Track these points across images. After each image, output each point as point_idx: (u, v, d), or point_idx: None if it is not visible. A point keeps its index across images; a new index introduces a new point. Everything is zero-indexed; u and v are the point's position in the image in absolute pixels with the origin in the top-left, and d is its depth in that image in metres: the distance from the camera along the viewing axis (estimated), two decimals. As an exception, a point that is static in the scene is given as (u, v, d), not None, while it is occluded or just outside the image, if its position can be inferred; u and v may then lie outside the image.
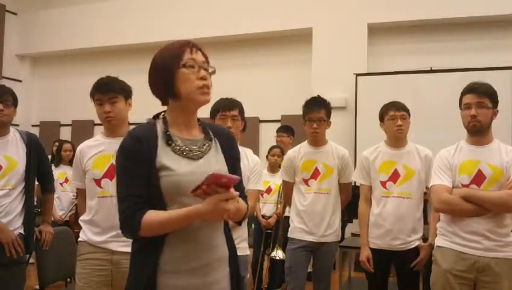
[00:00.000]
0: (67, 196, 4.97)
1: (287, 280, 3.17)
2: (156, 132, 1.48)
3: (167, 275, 1.40)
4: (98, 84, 2.37)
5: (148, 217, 1.36)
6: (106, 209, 2.30)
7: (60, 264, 3.07)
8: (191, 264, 1.42)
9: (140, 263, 1.43)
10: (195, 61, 1.46)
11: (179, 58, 1.45)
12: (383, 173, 2.91)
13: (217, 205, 1.30)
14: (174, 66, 1.45)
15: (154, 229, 1.37)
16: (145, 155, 1.41)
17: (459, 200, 2.28)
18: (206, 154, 1.50)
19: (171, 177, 1.40)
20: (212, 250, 1.46)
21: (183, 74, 1.45)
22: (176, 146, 1.46)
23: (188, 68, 1.45)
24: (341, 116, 6.04)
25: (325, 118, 3.09)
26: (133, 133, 1.47)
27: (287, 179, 3.26)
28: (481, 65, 5.54)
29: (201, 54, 1.50)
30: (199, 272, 1.43)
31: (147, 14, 7.58)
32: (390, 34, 6.45)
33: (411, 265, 2.82)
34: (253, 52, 7.09)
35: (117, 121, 2.36)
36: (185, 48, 1.47)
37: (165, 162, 1.41)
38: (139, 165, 1.40)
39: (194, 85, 1.45)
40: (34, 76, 8.91)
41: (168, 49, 1.50)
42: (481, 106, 2.32)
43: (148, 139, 1.44)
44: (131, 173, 1.41)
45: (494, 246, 2.25)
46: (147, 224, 1.36)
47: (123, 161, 1.43)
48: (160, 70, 1.48)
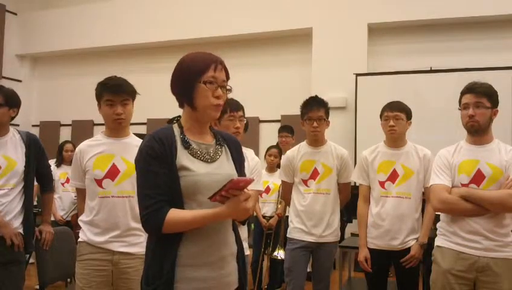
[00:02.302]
0: (68, 196, 4.96)
1: (287, 280, 3.17)
2: (175, 136, 1.57)
3: (186, 268, 1.49)
4: (110, 85, 2.35)
5: (172, 215, 1.46)
6: (107, 209, 2.31)
7: (60, 264, 3.07)
8: (209, 258, 1.53)
9: (159, 256, 1.50)
10: (216, 80, 1.55)
11: (201, 73, 1.54)
12: (382, 173, 2.91)
13: (239, 206, 1.46)
14: (196, 80, 1.54)
15: (178, 226, 1.48)
16: (167, 156, 1.51)
17: (459, 199, 2.28)
18: (219, 158, 1.62)
19: (190, 177, 1.51)
20: (226, 245, 1.59)
21: (202, 90, 1.54)
22: (193, 149, 1.57)
23: (207, 85, 1.54)
24: (341, 116, 6.05)
25: (324, 116, 3.10)
26: (156, 135, 1.54)
27: (286, 179, 3.26)
28: (481, 65, 5.54)
29: (224, 72, 1.60)
30: (216, 265, 1.54)
31: (147, 14, 7.58)
32: (390, 34, 6.46)
33: (400, 261, 2.82)
34: (253, 52, 7.10)
35: (126, 123, 2.40)
36: (210, 64, 1.55)
37: (184, 163, 1.52)
38: (162, 165, 1.49)
39: (209, 102, 1.55)
40: (34, 76, 8.92)
41: (195, 60, 1.58)
42: (479, 106, 2.32)
43: (169, 141, 1.53)
44: (155, 172, 1.49)
45: (493, 246, 2.25)
46: (171, 221, 1.45)
47: (147, 161, 1.51)
48: (182, 78, 1.57)
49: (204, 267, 1.52)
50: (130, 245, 2.34)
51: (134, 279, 2.33)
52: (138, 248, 2.37)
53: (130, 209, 2.35)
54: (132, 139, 2.48)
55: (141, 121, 7.11)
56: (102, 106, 2.35)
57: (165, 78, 1.69)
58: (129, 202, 2.35)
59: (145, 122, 7.49)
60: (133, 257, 2.34)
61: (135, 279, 2.34)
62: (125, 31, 7.64)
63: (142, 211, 1.49)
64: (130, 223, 2.34)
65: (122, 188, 2.34)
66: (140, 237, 2.40)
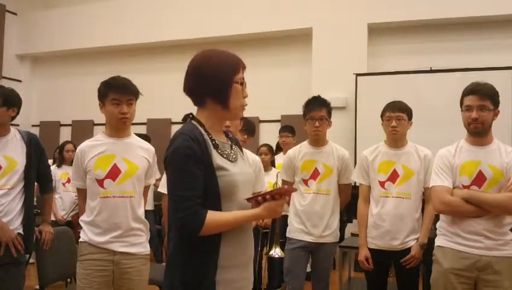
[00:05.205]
0: (69, 196, 4.97)
1: (286, 280, 3.17)
2: (203, 134, 1.53)
3: (223, 270, 1.49)
4: (116, 84, 2.35)
5: (212, 216, 1.45)
6: (109, 209, 2.31)
7: (60, 264, 3.07)
8: (241, 259, 1.55)
9: (198, 258, 1.48)
10: (243, 80, 1.59)
11: (235, 73, 1.56)
12: (382, 173, 2.91)
13: (277, 210, 1.52)
14: (231, 79, 1.55)
15: (218, 228, 1.47)
16: (203, 156, 1.48)
17: (461, 201, 2.28)
18: (238, 157, 1.63)
19: (227, 177, 1.51)
20: (251, 245, 1.62)
21: (236, 90, 1.56)
22: (220, 149, 1.56)
23: (240, 85, 1.57)
24: (341, 116, 6.05)
25: (326, 116, 3.10)
26: (188, 134, 1.49)
27: (286, 178, 3.26)
28: (481, 65, 5.53)
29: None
30: (246, 265, 1.58)
31: (147, 14, 7.59)
32: (390, 34, 6.46)
33: (400, 261, 2.82)
34: (253, 52, 7.09)
35: (129, 123, 2.41)
36: (240, 64, 1.59)
37: (220, 163, 1.51)
38: (198, 165, 1.46)
39: (241, 102, 1.59)
40: (34, 76, 8.92)
41: (227, 60, 1.57)
42: (483, 109, 2.30)
43: (202, 140, 1.51)
44: (193, 173, 1.45)
45: (494, 245, 2.26)
46: (211, 223, 1.44)
47: (184, 161, 1.46)
48: (215, 77, 1.54)
49: (238, 267, 1.54)
50: (131, 245, 2.34)
51: (135, 279, 2.33)
52: (139, 248, 2.37)
53: (131, 210, 2.35)
54: (134, 139, 2.48)
55: (141, 121, 7.12)
56: (107, 105, 2.35)
57: (164, 78, 1.70)
58: (130, 202, 2.35)
59: (145, 122, 7.51)
60: (134, 257, 2.34)
61: (136, 279, 2.34)
62: (125, 31, 7.64)
63: (178, 213, 1.44)
64: (131, 223, 2.34)
65: (124, 188, 2.34)
66: (142, 237, 2.41)
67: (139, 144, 2.48)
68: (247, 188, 1.61)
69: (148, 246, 2.45)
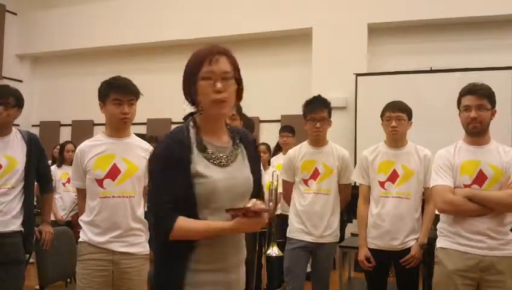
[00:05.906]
0: (69, 195, 4.98)
1: (286, 280, 3.17)
2: (190, 137, 1.50)
3: (196, 274, 1.45)
4: (118, 84, 2.36)
5: (182, 223, 1.41)
6: (108, 209, 2.31)
7: (60, 264, 3.07)
8: (221, 263, 1.50)
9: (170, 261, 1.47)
10: (213, 73, 1.45)
11: (198, 70, 1.46)
12: (382, 173, 2.91)
13: (252, 227, 1.45)
14: (195, 79, 1.47)
15: (188, 235, 1.43)
16: (184, 160, 1.44)
17: (464, 200, 2.28)
18: (235, 161, 1.55)
19: (206, 184, 1.45)
20: (239, 249, 1.57)
21: (201, 87, 1.46)
22: (208, 153, 1.49)
23: (205, 80, 1.45)
24: (341, 116, 6.04)
25: (327, 117, 3.10)
26: (175, 137, 1.48)
27: (286, 178, 3.26)
28: (481, 65, 5.54)
29: (229, 62, 1.50)
30: (229, 269, 1.52)
31: (147, 14, 7.59)
32: (390, 34, 6.46)
33: (400, 261, 2.82)
34: (253, 52, 7.10)
35: (130, 123, 2.42)
36: (204, 59, 1.46)
37: (199, 169, 1.45)
38: (179, 170, 1.43)
39: (209, 99, 1.45)
40: (34, 76, 8.92)
41: (192, 58, 1.51)
42: (481, 108, 2.32)
43: (186, 144, 1.47)
44: (172, 176, 1.43)
45: (497, 245, 2.26)
46: (180, 229, 1.41)
47: (164, 164, 1.45)
48: (184, 79, 1.51)
49: (217, 272, 1.49)
50: (130, 245, 2.34)
51: (135, 279, 2.33)
52: (139, 248, 2.37)
53: (131, 210, 2.35)
54: (133, 140, 2.49)
55: (141, 121, 7.12)
56: (108, 105, 2.35)
57: (164, 78, 1.70)
58: (130, 202, 2.35)
59: (145, 122, 7.51)
60: (134, 257, 2.34)
61: (136, 279, 2.34)
62: (125, 31, 7.64)
63: (153, 216, 1.47)
64: (130, 223, 2.34)
65: (123, 188, 2.34)
66: (141, 237, 2.40)
67: (138, 144, 2.48)
68: (236, 194, 1.52)
69: (148, 246, 2.45)
